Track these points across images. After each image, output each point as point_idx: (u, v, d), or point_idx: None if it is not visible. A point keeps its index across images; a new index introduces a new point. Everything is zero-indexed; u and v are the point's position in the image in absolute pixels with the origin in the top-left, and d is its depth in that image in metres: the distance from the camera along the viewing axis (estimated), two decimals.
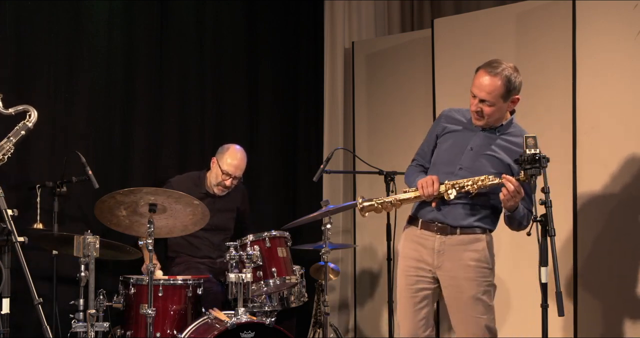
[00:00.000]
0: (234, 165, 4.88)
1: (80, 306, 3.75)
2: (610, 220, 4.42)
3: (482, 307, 3.51)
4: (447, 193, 3.48)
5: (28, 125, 3.50)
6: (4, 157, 3.43)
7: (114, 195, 3.99)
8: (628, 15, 4.33)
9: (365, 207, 3.65)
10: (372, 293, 5.90)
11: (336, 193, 6.07)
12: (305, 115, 6.18)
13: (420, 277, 3.61)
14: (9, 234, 3.32)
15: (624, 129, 4.36)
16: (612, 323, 4.38)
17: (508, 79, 3.43)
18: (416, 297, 3.61)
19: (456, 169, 3.56)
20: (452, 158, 3.59)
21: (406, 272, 3.64)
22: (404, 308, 3.64)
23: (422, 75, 5.53)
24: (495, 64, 3.47)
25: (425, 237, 3.60)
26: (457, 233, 3.54)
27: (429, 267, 3.59)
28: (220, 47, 5.71)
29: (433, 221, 3.58)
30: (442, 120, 3.73)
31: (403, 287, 3.65)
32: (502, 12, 5.03)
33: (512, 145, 3.54)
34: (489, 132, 3.58)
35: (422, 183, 3.52)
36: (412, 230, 3.68)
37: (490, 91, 3.43)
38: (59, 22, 4.93)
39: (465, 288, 3.52)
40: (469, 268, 3.52)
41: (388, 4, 6.37)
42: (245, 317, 4.10)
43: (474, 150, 3.56)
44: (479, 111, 3.50)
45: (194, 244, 4.92)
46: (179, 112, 5.51)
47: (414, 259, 3.62)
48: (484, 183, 3.42)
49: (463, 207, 3.54)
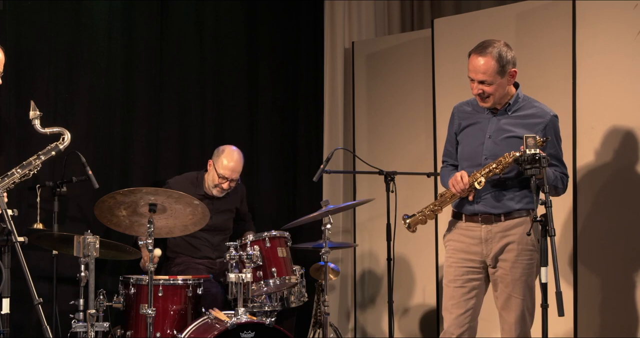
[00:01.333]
0: (230, 168, 4.87)
1: (80, 306, 3.76)
2: (611, 221, 4.42)
3: (526, 289, 3.60)
4: (477, 183, 3.55)
5: (59, 148, 3.59)
6: (30, 173, 3.51)
7: (114, 195, 3.99)
8: (628, 15, 4.33)
9: (411, 223, 3.79)
10: (372, 293, 5.90)
11: (336, 193, 6.07)
12: (305, 115, 6.18)
13: (469, 268, 3.68)
14: (9, 234, 3.32)
15: (624, 129, 4.35)
16: (612, 323, 4.38)
17: (499, 54, 3.53)
18: (465, 288, 3.67)
19: (482, 160, 3.63)
20: (475, 150, 3.67)
21: (455, 263, 3.71)
22: (454, 297, 3.69)
23: (422, 75, 5.53)
24: (485, 44, 3.58)
25: (471, 228, 3.67)
26: (502, 220, 3.60)
27: (478, 256, 3.66)
28: (220, 47, 5.70)
29: (476, 213, 3.65)
30: (455, 117, 3.82)
31: (451, 277, 3.71)
32: (502, 12, 5.03)
33: (525, 119, 3.60)
34: (500, 114, 3.65)
35: (451, 182, 3.63)
36: (457, 224, 3.75)
37: (485, 70, 3.53)
38: (59, 22, 4.94)
39: (512, 271, 3.59)
40: (516, 251, 3.58)
41: (388, 4, 6.37)
42: (245, 317, 4.10)
43: (493, 137, 3.64)
44: (481, 93, 3.58)
45: (193, 245, 4.92)
46: (179, 112, 5.51)
47: (463, 251, 3.69)
48: (507, 161, 3.48)
49: (500, 193, 3.61)
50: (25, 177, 3.49)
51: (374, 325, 5.85)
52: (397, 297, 5.36)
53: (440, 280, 5.24)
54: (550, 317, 3.24)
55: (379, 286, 5.84)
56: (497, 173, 3.52)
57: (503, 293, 3.63)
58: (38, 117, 3.54)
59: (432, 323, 5.37)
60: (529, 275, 3.59)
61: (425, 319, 5.51)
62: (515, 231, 3.59)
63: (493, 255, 3.62)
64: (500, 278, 3.63)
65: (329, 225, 4.35)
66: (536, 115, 3.62)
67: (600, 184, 4.44)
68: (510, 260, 3.59)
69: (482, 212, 3.63)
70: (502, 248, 3.60)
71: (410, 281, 5.60)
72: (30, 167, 3.48)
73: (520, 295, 3.59)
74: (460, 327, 3.66)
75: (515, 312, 3.60)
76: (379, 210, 5.23)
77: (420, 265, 5.53)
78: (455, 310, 3.68)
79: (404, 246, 5.34)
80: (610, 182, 4.41)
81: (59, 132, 3.59)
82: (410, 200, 5.31)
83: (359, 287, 5.98)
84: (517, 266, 3.58)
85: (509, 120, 3.63)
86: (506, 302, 3.62)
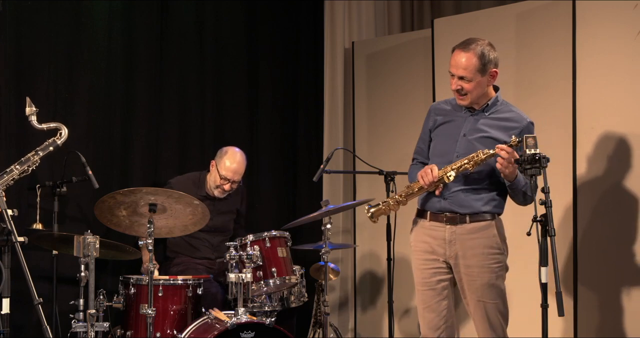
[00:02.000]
0: (232, 170, 4.87)
1: (80, 306, 3.76)
2: (611, 221, 4.42)
3: (495, 293, 3.57)
4: (446, 176, 3.51)
5: (57, 143, 3.56)
6: (29, 169, 3.49)
7: (114, 195, 3.99)
8: (628, 15, 4.33)
9: (374, 213, 3.72)
10: (372, 293, 5.90)
11: (336, 193, 6.07)
12: (305, 115, 6.18)
13: (436, 269, 3.65)
14: (9, 234, 3.32)
15: (624, 129, 4.36)
16: (612, 323, 4.38)
17: (482, 52, 3.51)
18: (436, 289, 3.65)
19: (454, 157, 3.59)
20: (448, 148, 3.63)
21: (422, 265, 3.68)
22: (425, 301, 3.67)
23: (422, 75, 5.53)
24: (469, 41, 3.56)
25: (435, 228, 3.63)
26: (467, 222, 3.57)
27: (442, 257, 3.62)
28: (220, 47, 5.71)
29: (441, 211, 3.61)
30: (431, 114, 3.79)
31: (420, 280, 3.69)
32: (502, 12, 5.03)
33: (501, 122, 3.58)
34: (477, 114, 3.63)
35: (421, 173, 3.57)
36: (421, 223, 3.71)
37: (466, 66, 3.51)
38: (59, 22, 4.94)
39: (479, 276, 3.56)
40: (481, 256, 3.55)
41: (388, 4, 6.37)
42: (245, 317, 4.10)
43: (467, 136, 3.61)
44: (460, 89, 3.56)
45: (193, 245, 4.92)
46: (179, 112, 5.51)
47: (427, 252, 3.66)
48: (479, 158, 3.45)
49: (468, 192, 3.57)
50: (24, 173, 3.47)
51: (374, 325, 5.85)
52: (397, 297, 5.35)
53: None
54: (550, 317, 3.24)
55: (379, 286, 5.84)
56: (468, 169, 3.48)
57: (472, 299, 3.59)
58: (34, 113, 3.51)
59: None
60: (497, 278, 3.56)
61: None
62: (479, 234, 3.55)
63: (455, 256, 3.58)
64: (467, 284, 3.58)
65: (329, 225, 4.35)
66: (513, 119, 3.59)
67: (600, 184, 4.45)
68: (477, 265, 3.55)
69: (448, 210, 3.58)
70: (465, 251, 3.56)
71: (410, 281, 5.57)
72: (29, 163, 3.47)
73: (491, 299, 3.56)
74: (436, 330, 3.64)
75: (489, 316, 3.57)
76: None
77: None
78: (427, 314, 3.65)
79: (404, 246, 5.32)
80: (610, 182, 4.41)
81: (55, 127, 3.57)
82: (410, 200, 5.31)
83: (359, 287, 5.98)
84: (484, 271, 3.55)
85: (485, 121, 3.60)
86: (476, 308, 3.59)
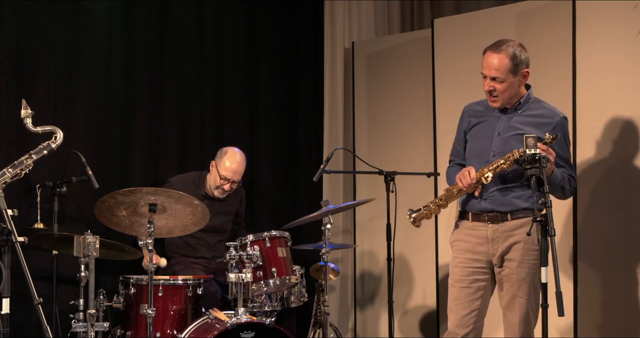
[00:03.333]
0: (232, 170, 4.87)
1: (80, 306, 3.75)
2: (611, 221, 4.42)
3: (532, 289, 3.60)
4: (484, 178, 3.55)
5: (52, 147, 3.53)
6: (22, 173, 3.45)
7: (114, 195, 3.99)
8: (628, 15, 4.33)
9: (416, 218, 3.75)
10: (372, 293, 5.90)
11: (336, 193, 6.07)
12: (305, 115, 6.17)
13: (475, 269, 3.68)
14: (9, 234, 3.32)
15: (624, 129, 4.35)
16: (612, 323, 4.38)
17: (514, 53, 3.57)
18: (471, 288, 3.68)
19: (490, 157, 3.64)
20: (484, 148, 3.68)
21: (461, 263, 3.71)
22: (458, 298, 3.69)
23: (422, 75, 5.52)
24: (500, 42, 3.62)
25: (478, 227, 3.67)
26: (509, 219, 3.60)
27: (484, 256, 3.66)
28: (220, 47, 5.70)
29: (482, 212, 3.65)
30: (465, 116, 3.84)
31: (457, 278, 3.71)
32: (502, 12, 5.03)
33: (534, 118, 3.62)
34: (510, 113, 3.67)
35: (459, 176, 3.63)
36: (463, 223, 3.75)
37: (498, 67, 3.56)
38: (59, 22, 4.93)
39: (517, 270, 3.59)
40: (522, 251, 3.58)
41: (388, 4, 6.37)
42: (245, 317, 4.10)
43: (502, 135, 3.65)
44: (492, 90, 3.60)
45: (190, 244, 4.92)
46: (179, 112, 5.51)
47: (469, 251, 3.69)
48: (515, 157, 3.47)
49: (506, 191, 3.61)
50: (16, 176, 3.43)
51: (374, 325, 5.85)
52: (397, 297, 5.36)
53: (440, 280, 5.25)
54: (550, 317, 3.24)
55: (379, 286, 5.84)
56: (504, 169, 3.53)
57: (508, 292, 3.63)
58: (30, 115, 3.49)
59: (432, 323, 5.36)
60: (534, 274, 3.59)
61: (425, 319, 5.51)
62: (521, 230, 3.58)
63: (499, 254, 3.62)
64: (506, 277, 3.63)
65: (329, 225, 4.35)
66: (546, 115, 3.63)
67: (600, 184, 4.44)
68: (517, 259, 3.59)
69: (489, 210, 3.63)
70: (508, 248, 3.61)
71: (410, 281, 5.60)
72: (22, 166, 3.43)
73: (525, 295, 3.60)
74: (465, 328, 3.66)
75: (520, 311, 3.60)
76: (379, 210, 5.22)
77: (420, 265, 5.52)
78: (460, 311, 3.68)
79: (404, 246, 5.34)
80: (610, 181, 4.41)
81: (50, 130, 3.54)
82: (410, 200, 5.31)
83: (359, 287, 5.98)
84: (523, 265, 3.59)
85: (518, 119, 3.65)
86: (511, 302, 3.63)
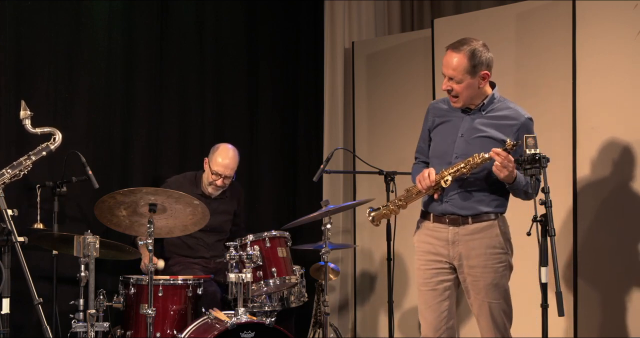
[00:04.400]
0: (223, 165, 4.87)
1: (80, 306, 3.75)
2: (611, 221, 4.42)
3: (499, 292, 3.56)
4: (443, 181, 3.49)
5: (50, 148, 3.53)
6: (20, 173, 3.45)
7: (114, 195, 3.99)
8: (628, 15, 4.33)
9: (375, 217, 3.73)
10: (372, 293, 5.90)
11: (336, 193, 6.07)
12: (305, 115, 6.18)
13: (439, 270, 3.63)
14: (9, 234, 3.32)
15: (624, 129, 4.36)
16: (612, 323, 4.38)
17: (472, 53, 3.47)
18: (437, 290, 3.63)
19: (452, 159, 3.58)
20: (446, 148, 3.62)
21: (424, 266, 3.67)
22: (426, 302, 3.65)
23: (422, 75, 5.53)
24: (462, 41, 3.53)
25: (438, 229, 3.62)
26: (469, 223, 3.55)
27: (445, 258, 3.61)
28: (220, 47, 5.71)
29: (444, 214, 3.61)
30: (429, 114, 3.77)
31: (422, 281, 3.67)
32: (502, 12, 5.03)
33: (499, 120, 3.55)
34: (473, 113, 3.60)
35: (418, 178, 3.57)
36: (425, 224, 3.70)
37: (455, 67, 3.48)
38: (59, 22, 4.94)
39: (482, 276, 3.55)
40: (484, 256, 3.54)
41: (388, 4, 6.37)
42: (245, 317, 4.10)
43: (465, 136, 3.59)
44: (450, 90, 3.54)
45: (189, 245, 4.92)
46: (179, 112, 5.51)
47: (430, 253, 3.65)
48: (475, 162, 3.43)
49: (468, 194, 3.56)
50: (15, 177, 3.42)
51: (374, 325, 5.86)
52: (397, 297, 5.36)
53: None
54: (550, 317, 3.24)
55: (379, 286, 5.84)
56: (464, 173, 3.46)
57: (476, 300, 3.58)
58: (29, 117, 3.50)
59: None
60: (501, 278, 3.55)
61: None
62: (482, 235, 3.54)
63: (458, 257, 3.57)
64: (471, 285, 3.58)
65: (329, 225, 4.35)
66: (510, 116, 3.54)
67: (600, 184, 4.44)
68: (480, 265, 3.54)
69: (450, 213, 3.57)
70: (468, 252, 3.55)
71: (410, 281, 5.60)
72: (20, 167, 3.43)
73: (495, 299, 3.55)
74: (438, 330, 3.62)
75: (493, 316, 3.56)
76: None
77: None
78: (429, 315, 3.64)
79: (404, 246, 5.34)
80: (610, 181, 4.41)
81: (49, 132, 3.54)
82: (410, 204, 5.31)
83: (359, 287, 5.98)
84: (488, 271, 3.54)
85: (482, 120, 3.57)
86: (481, 308, 3.58)
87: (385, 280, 5.13)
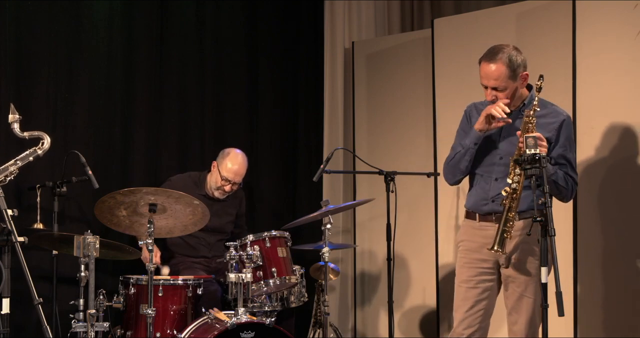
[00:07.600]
0: (233, 171, 4.88)
1: (80, 306, 3.75)
2: (611, 220, 4.42)
3: (537, 289, 3.57)
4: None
5: (38, 153, 3.51)
6: (6, 179, 3.42)
7: (114, 195, 3.99)
8: (628, 15, 4.33)
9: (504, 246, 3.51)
10: (372, 293, 5.90)
11: (336, 193, 6.07)
12: (305, 115, 6.18)
13: (483, 269, 3.66)
14: (9, 234, 3.32)
15: (624, 129, 4.36)
16: (612, 323, 4.38)
17: (509, 59, 3.53)
18: (478, 288, 3.66)
19: (497, 159, 3.62)
20: (490, 149, 3.66)
21: (468, 264, 3.69)
22: (464, 299, 3.67)
23: (422, 75, 5.53)
24: (494, 50, 3.58)
25: (486, 227, 3.65)
26: (517, 219, 3.56)
27: (491, 257, 3.63)
28: (220, 47, 5.71)
29: (490, 213, 3.63)
30: (471, 114, 3.80)
31: (464, 278, 3.69)
32: (502, 12, 5.03)
33: (539, 119, 3.55)
34: (514, 115, 3.63)
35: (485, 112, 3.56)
36: (470, 223, 3.73)
37: (497, 77, 3.53)
38: (59, 22, 4.94)
39: (525, 271, 3.58)
40: (529, 252, 3.57)
41: (388, 4, 6.37)
42: (245, 317, 4.10)
43: (508, 137, 3.62)
44: (495, 99, 3.57)
45: (190, 244, 4.92)
46: (179, 112, 5.51)
47: (476, 251, 3.67)
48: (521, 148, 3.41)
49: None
50: (1, 183, 3.40)
51: (374, 325, 5.85)
52: (397, 297, 5.36)
53: (440, 280, 5.25)
54: (550, 317, 3.24)
55: (379, 286, 5.84)
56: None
57: (514, 293, 3.62)
58: (17, 120, 3.47)
59: (432, 323, 5.37)
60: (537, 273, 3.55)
61: (425, 319, 5.51)
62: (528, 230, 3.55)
63: (506, 255, 3.60)
64: (512, 277, 3.61)
65: (329, 225, 4.35)
66: (550, 115, 3.60)
67: (600, 184, 4.44)
68: (523, 260, 3.58)
69: (496, 211, 3.60)
70: (515, 248, 3.59)
71: (410, 281, 5.60)
72: (6, 172, 3.40)
73: (532, 295, 3.58)
74: (470, 327, 3.65)
75: (527, 312, 3.59)
76: (379, 210, 5.23)
77: (420, 265, 5.52)
78: (466, 311, 3.66)
79: (404, 246, 5.34)
80: (610, 181, 4.41)
81: (38, 136, 3.52)
82: (410, 201, 5.32)
83: (359, 287, 5.98)
84: (530, 266, 3.57)
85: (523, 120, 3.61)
86: (518, 302, 3.61)
87: (385, 280, 5.14)
